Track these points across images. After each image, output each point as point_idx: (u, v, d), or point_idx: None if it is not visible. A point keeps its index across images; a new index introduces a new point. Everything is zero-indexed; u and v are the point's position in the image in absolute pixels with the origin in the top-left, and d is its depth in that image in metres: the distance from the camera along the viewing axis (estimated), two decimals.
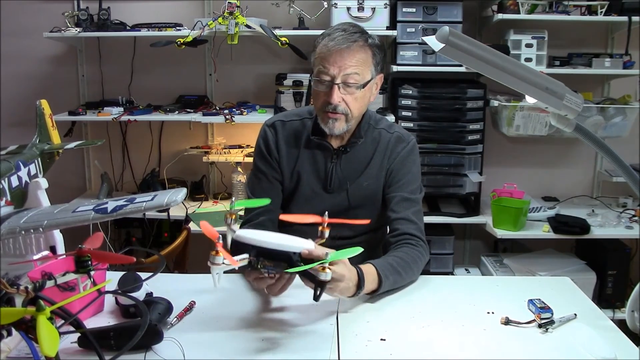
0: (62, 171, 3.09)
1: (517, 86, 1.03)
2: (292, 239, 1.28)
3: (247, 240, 1.24)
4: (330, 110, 1.56)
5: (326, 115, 1.58)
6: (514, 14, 2.68)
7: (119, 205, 1.27)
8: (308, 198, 1.67)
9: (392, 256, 1.51)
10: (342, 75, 1.54)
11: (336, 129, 1.59)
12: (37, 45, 3.07)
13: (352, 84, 1.55)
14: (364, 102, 1.61)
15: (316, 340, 1.24)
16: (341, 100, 1.55)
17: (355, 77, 1.55)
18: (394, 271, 1.46)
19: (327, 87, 1.56)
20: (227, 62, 3.04)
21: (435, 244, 2.80)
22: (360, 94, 1.57)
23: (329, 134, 1.62)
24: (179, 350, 1.17)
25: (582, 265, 2.79)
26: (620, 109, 2.79)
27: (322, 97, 1.58)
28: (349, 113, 1.58)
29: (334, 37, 1.55)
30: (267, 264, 1.24)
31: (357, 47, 1.55)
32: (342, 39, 1.54)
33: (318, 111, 1.62)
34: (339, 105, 1.56)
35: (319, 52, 1.57)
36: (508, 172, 3.08)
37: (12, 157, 1.60)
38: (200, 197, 3.01)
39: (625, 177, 1.13)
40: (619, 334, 1.28)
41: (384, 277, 1.42)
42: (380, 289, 1.42)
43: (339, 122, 1.58)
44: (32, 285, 1.03)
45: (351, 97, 1.56)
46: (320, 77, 1.57)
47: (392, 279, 1.44)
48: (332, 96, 1.54)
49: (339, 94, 1.55)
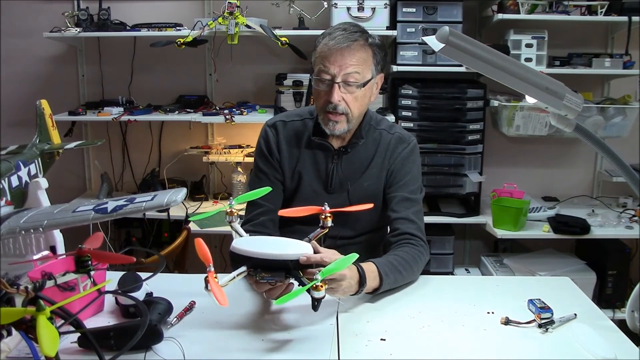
0: (62, 171, 3.10)
1: (517, 86, 1.03)
2: (290, 243, 1.28)
3: (243, 252, 1.24)
4: (330, 109, 1.57)
5: (327, 117, 1.58)
6: (514, 14, 2.68)
7: (119, 205, 1.27)
8: (309, 198, 1.67)
9: (393, 255, 1.52)
10: (342, 75, 1.54)
11: (337, 130, 1.59)
12: (37, 45, 3.07)
13: (353, 83, 1.55)
14: (365, 101, 1.61)
15: (316, 340, 1.24)
16: (341, 99, 1.56)
17: (355, 76, 1.55)
18: (395, 270, 1.46)
19: (327, 86, 1.56)
20: (227, 62, 3.04)
21: (435, 244, 2.80)
22: (360, 93, 1.57)
23: (330, 134, 1.62)
24: (179, 350, 1.17)
25: (582, 265, 2.79)
26: (620, 109, 2.79)
27: (322, 97, 1.58)
28: (349, 113, 1.58)
29: (334, 36, 1.55)
30: (265, 275, 1.24)
31: (357, 46, 1.55)
32: (343, 38, 1.54)
33: (319, 111, 1.62)
34: (339, 105, 1.56)
35: (319, 52, 1.58)
36: (508, 172, 3.08)
37: (12, 157, 1.60)
38: (200, 197, 3.00)
39: (625, 177, 1.13)
40: (619, 334, 1.28)
41: (384, 275, 1.42)
42: (381, 287, 1.42)
43: (340, 123, 1.58)
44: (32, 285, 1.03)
45: (351, 97, 1.56)
46: (320, 76, 1.57)
47: (392, 277, 1.44)
48: (333, 95, 1.54)
49: (340, 93, 1.55)
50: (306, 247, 1.28)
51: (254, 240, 1.31)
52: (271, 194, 1.67)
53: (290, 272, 1.23)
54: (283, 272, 1.24)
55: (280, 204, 1.70)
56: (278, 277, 1.25)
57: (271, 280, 1.25)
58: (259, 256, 1.23)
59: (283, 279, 1.25)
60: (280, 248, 1.26)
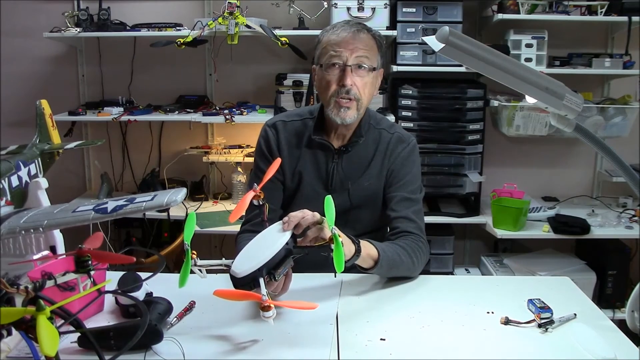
0: (62, 171, 3.10)
1: (517, 86, 1.03)
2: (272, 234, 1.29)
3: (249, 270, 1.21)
4: (343, 94, 1.57)
5: (338, 103, 1.58)
6: (514, 14, 2.68)
7: (119, 205, 1.27)
8: (309, 198, 1.67)
9: (392, 243, 1.54)
10: (354, 57, 1.56)
11: (348, 117, 1.59)
12: (37, 45, 3.07)
13: (364, 67, 1.57)
14: (372, 90, 1.63)
15: (316, 340, 1.24)
16: (353, 83, 1.57)
17: (365, 60, 1.58)
18: (393, 252, 1.48)
19: (340, 70, 1.58)
20: (227, 62, 3.04)
21: (435, 244, 2.80)
22: (369, 79, 1.60)
23: (340, 123, 1.61)
24: (179, 350, 1.17)
25: (582, 265, 2.79)
26: (620, 109, 2.79)
27: (333, 83, 1.59)
28: (360, 99, 1.59)
29: (339, 27, 1.60)
30: (280, 270, 1.25)
31: (364, 34, 1.59)
32: (349, 27, 1.59)
33: (328, 100, 1.60)
34: (351, 89, 1.57)
35: (327, 41, 1.60)
36: (508, 172, 3.08)
37: (12, 157, 1.60)
38: (200, 197, 3.01)
39: (625, 177, 1.13)
40: (619, 334, 1.28)
41: (381, 252, 1.44)
42: (378, 263, 1.43)
43: (351, 110, 1.59)
44: (32, 285, 1.03)
45: (362, 82, 1.58)
46: (332, 61, 1.58)
47: (389, 256, 1.46)
48: (346, 79, 1.56)
49: (352, 77, 1.57)
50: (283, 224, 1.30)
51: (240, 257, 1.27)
52: (272, 194, 1.67)
53: (294, 252, 1.26)
54: (289, 256, 1.26)
55: (281, 203, 1.70)
56: (288, 265, 1.27)
57: (284, 272, 1.27)
58: (264, 261, 1.22)
59: (292, 262, 1.28)
60: (268, 243, 1.26)
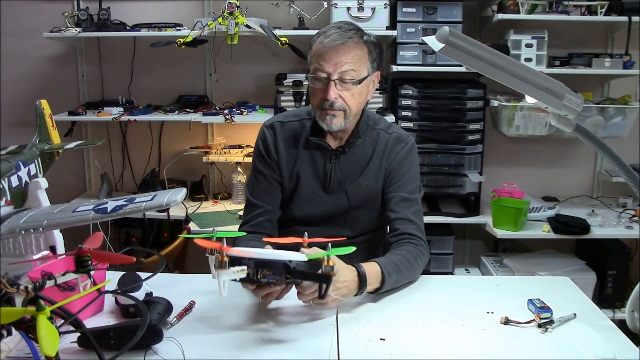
0: (62, 171, 3.10)
1: (517, 86, 1.03)
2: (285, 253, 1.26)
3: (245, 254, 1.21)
4: (327, 107, 1.57)
5: (324, 112, 1.58)
6: (514, 14, 2.68)
7: (118, 205, 1.27)
8: (307, 199, 1.67)
9: (396, 254, 1.52)
10: (338, 72, 1.54)
11: (334, 124, 1.59)
12: (37, 45, 3.07)
13: (349, 80, 1.55)
14: (362, 98, 1.62)
15: (316, 340, 1.24)
16: (338, 96, 1.56)
17: (351, 73, 1.55)
18: (397, 270, 1.46)
19: (323, 84, 1.56)
20: (227, 62, 3.04)
21: (435, 244, 2.80)
22: (357, 90, 1.57)
23: (327, 130, 1.62)
24: (179, 350, 1.17)
25: (582, 265, 2.79)
26: (620, 109, 2.79)
27: (319, 94, 1.58)
28: (347, 109, 1.58)
29: (329, 34, 1.55)
30: (267, 273, 1.23)
31: (352, 43, 1.55)
32: (338, 36, 1.54)
33: (315, 108, 1.62)
34: (335, 102, 1.56)
35: (314, 50, 1.58)
36: (508, 172, 3.08)
37: (12, 157, 1.60)
38: (200, 197, 3.01)
39: (625, 177, 1.13)
40: (619, 334, 1.28)
41: (387, 276, 1.42)
42: (382, 287, 1.42)
43: (337, 118, 1.58)
44: (32, 285, 1.03)
45: (348, 93, 1.57)
46: (316, 74, 1.57)
47: (394, 278, 1.45)
48: (329, 93, 1.55)
49: (336, 91, 1.55)
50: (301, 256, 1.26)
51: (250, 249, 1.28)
52: (270, 195, 1.67)
53: (291, 272, 1.23)
54: (284, 271, 1.23)
55: (279, 204, 1.70)
56: (279, 276, 1.23)
57: (271, 280, 1.24)
58: (260, 257, 1.22)
59: (283, 279, 1.24)
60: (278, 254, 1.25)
